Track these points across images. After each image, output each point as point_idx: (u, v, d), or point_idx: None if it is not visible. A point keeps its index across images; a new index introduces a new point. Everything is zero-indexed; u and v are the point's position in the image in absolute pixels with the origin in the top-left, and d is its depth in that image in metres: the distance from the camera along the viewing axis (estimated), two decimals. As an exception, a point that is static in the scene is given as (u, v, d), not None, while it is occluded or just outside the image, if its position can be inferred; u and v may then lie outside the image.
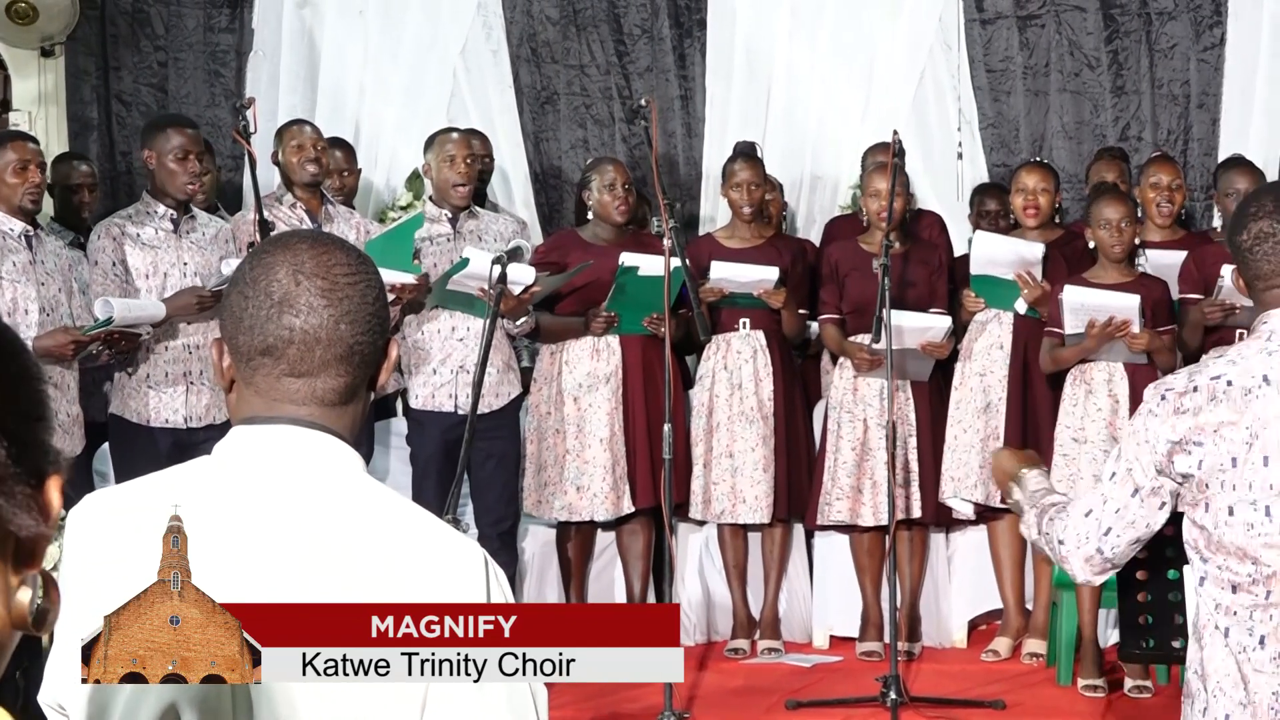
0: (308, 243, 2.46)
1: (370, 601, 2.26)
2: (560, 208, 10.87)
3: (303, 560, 2.30)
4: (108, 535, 2.37)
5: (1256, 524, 3.46)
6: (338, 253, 2.45)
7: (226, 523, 2.32)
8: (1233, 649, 3.49)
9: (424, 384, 8.07)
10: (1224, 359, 3.58)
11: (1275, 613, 3.45)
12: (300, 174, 8.07)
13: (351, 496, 2.37)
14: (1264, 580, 3.45)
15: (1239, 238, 3.62)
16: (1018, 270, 8.10)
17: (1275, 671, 3.45)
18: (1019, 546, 8.40)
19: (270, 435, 2.41)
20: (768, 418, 8.41)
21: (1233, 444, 3.48)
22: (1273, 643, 3.46)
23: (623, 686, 7.89)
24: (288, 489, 2.36)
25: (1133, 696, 7.68)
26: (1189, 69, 10.61)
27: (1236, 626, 3.49)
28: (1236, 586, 3.49)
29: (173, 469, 2.44)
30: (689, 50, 11.02)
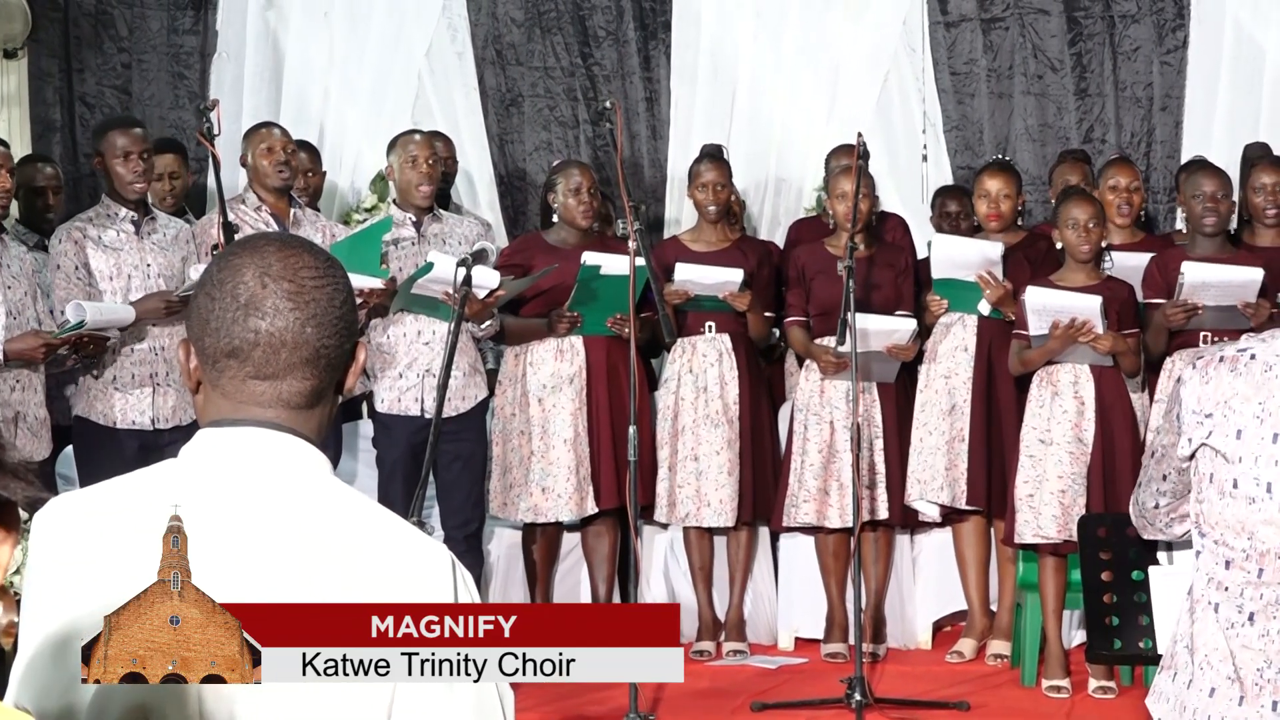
0: (275, 245, 2.45)
1: (337, 601, 2.26)
2: (525, 210, 10.87)
3: (269, 562, 2.29)
4: (76, 539, 2.36)
5: (1258, 498, 3.47)
6: (305, 255, 2.45)
7: (194, 525, 2.31)
8: (1222, 624, 3.51)
9: (390, 387, 8.05)
10: (1258, 337, 3.59)
11: (1266, 591, 3.47)
12: (271, 178, 8.04)
13: (318, 499, 2.37)
14: (1257, 557, 3.47)
15: None
16: (979, 271, 8.12)
17: (1262, 649, 3.46)
18: (983, 548, 8.42)
19: (236, 438, 2.40)
20: (733, 421, 8.42)
21: (1242, 416, 3.49)
22: (1262, 620, 3.47)
23: (589, 688, 7.89)
24: (254, 492, 2.35)
25: (1097, 697, 7.71)
26: (1152, 72, 10.65)
27: (1227, 603, 3.50)
28: (1230, 562, 3.51)
29: (140, 472, 2.43)
30: (654, 52, 11.04)
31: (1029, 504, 7.75)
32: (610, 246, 8.25)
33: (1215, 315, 7.68)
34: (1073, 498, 7.67)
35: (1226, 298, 7.65)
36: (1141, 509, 3.82)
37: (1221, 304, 7.66)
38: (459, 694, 2.29)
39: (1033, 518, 7.73)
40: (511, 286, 7.96)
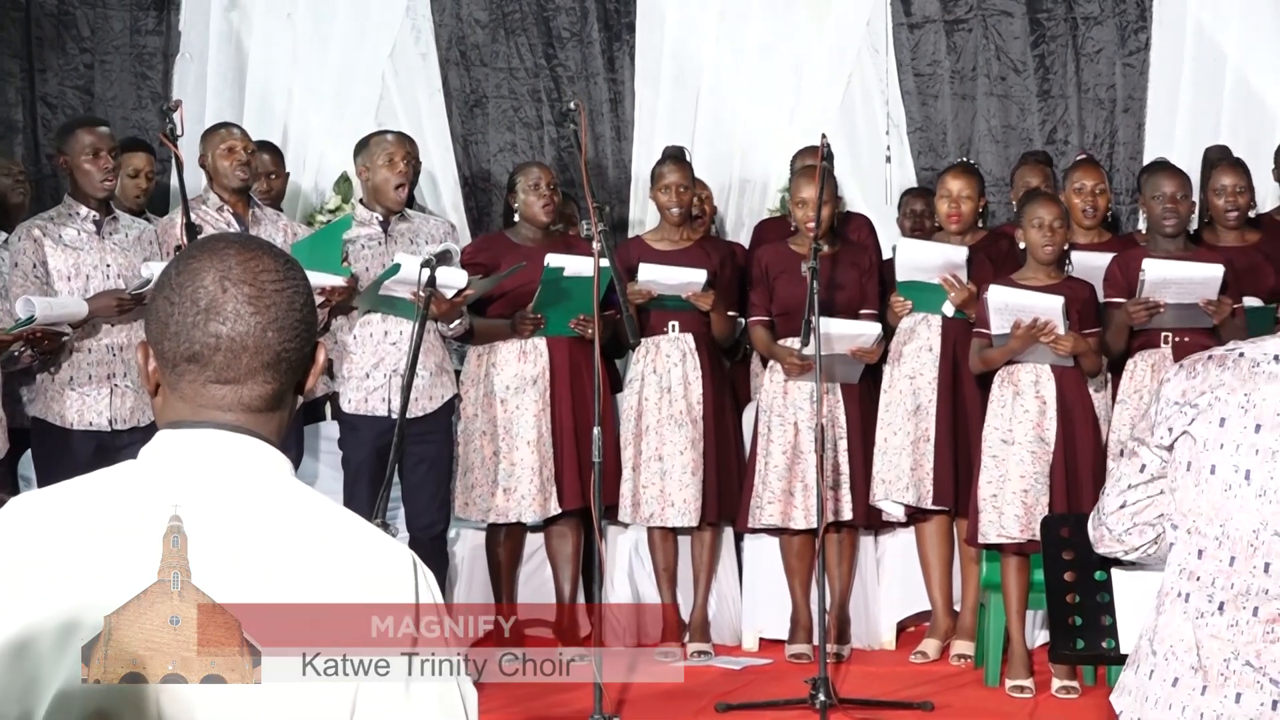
0: (235, 248, 2.43)
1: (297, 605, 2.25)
2: (489, 211, 10.86)
3: (231, 564, 2.29)
4: (34, 541, 2.35)
5: (1234, 485, 3.48)
6: (265, 259, 2.43)
7: (154, 527, 2.30)
8: (1190, 614, 3.52)
9: (356, 388, 8.02)
10: (1249, 341, 3.62)
11: (1237, 580, 3.48)
12: (231, 179, 8.03)
13: (278, 501, 2.36)
14: (1229, 544, 3.48)
15: None
16: (943, 274, 8.14)
17: (1231, 639, 3.48)
18: (947, 548, 8.44)
19: (196, 439, 2.39)
20: (697, 421, 8.42)
21: (1227, 405, 3.51)
22: (1231, 610, 3.48)
23: (554, 689, 7.88)
24: (214, 493, 2.34)
25: (1060, 697, 7.73)
26: (1114, 74, 10.69)
27: (1198, 592, 3.52)
28: (1203, 551, 3.52)
29: (99, 472, 2.42)
30: (618, 54, 11.04)
31: (992, 504, 7.77)
32: (574, 247, 8.25)
33: (1176, 313, 7.71)
34: (1035, 497, 7.69)
35: (1187, 295, 7.67)
36: (1103, 513, 3.82)
37: (1182, 301, 7.68)
38: (420, 694, 2.29)
39: (996, 518, 7.75)
40: (479, 285, 7.95)
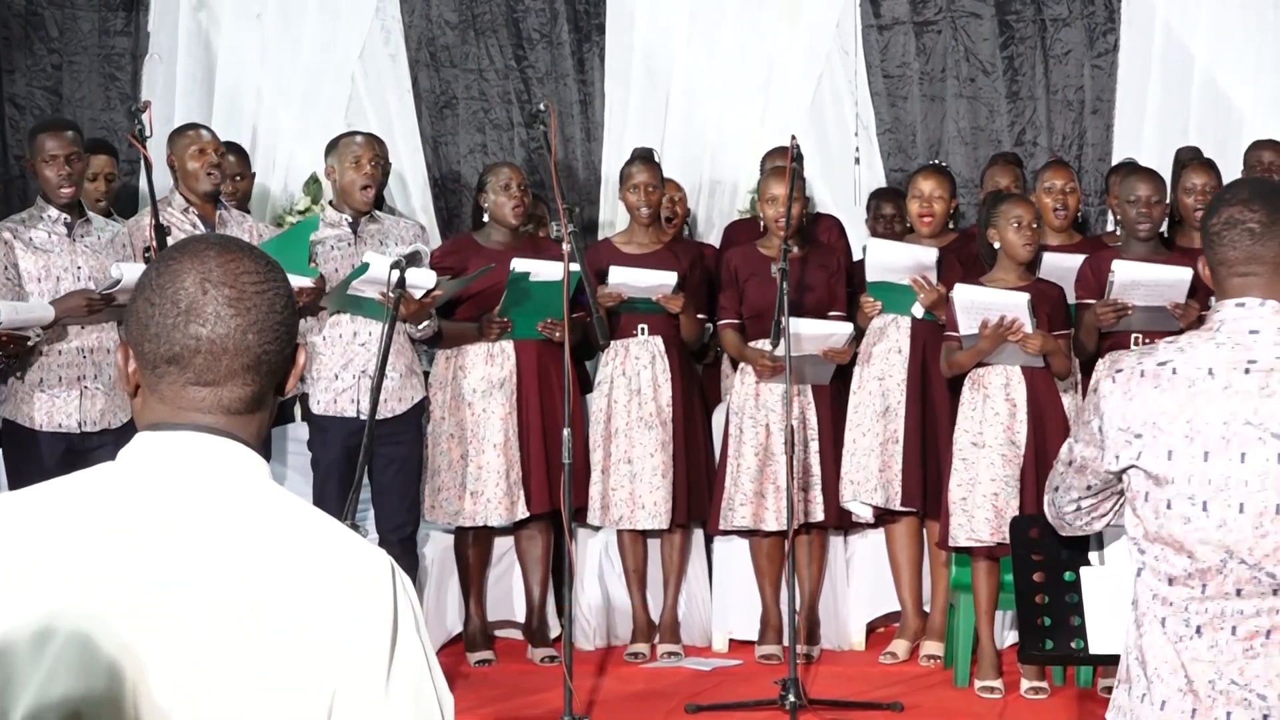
0: (215, 250, 2.43)
1: (276, 610, 2.25)
2: (459, 212, 10.85)
3: (209, 568, 2.28)
4: (14, 542, 2.33)
5: (1193, 518, 3.48)
6: (246, 260, 2.43)
7: (132, 530, 2.30)
8: (1170, 638, 3.52)
9: (326, 389, 8.01)
10: (1175, 345, 3.60)
11: (1211, 605, 3.48)
12: (202, 182, 8.00)
13: (257, 503, 2.36)
14: (1199, 574, 3.48)
15: (1210, 222, 3.63)
16: (913, 275, 8.15)
17: (1213, 660, 3.48)
18: (916, 549, 8.46)
19: (175, 442, 2.39)
20: (666, 423, 8.43)
21: (1171, 437, 3.51)
22: (1209, 633, 3.49)
23: (524, 690, 7.90)
24: (193, 496, 2.34)
25: (1029, 698, 7.75)
26: (1083, 75, 10.72)
27: (1173, 617, 3.52)
28: (1173, 579, 3.52)
29: (77, 474, 2.41)
30: (588, 55, 11.03)
31: (962, 507, 7.78)
32: (542, 247, 8.25)
33: (1145, 316, 7.73)
34: (1005, 500, 7.70)
35: (1156, 297, 7.69)
36: (1059, 513, 3.84)
37: (1151, 304, 7.70)
38: (396, 698, 2.29)
39: (966, 520, 7.76)
40: (449, 286, 7.94)
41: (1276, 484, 3.42)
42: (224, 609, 2.25)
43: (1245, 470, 3.44)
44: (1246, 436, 3.45)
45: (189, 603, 2.25)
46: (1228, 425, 3.46)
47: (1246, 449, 3.45)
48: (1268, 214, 3.57)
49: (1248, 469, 3.44)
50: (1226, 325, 3.56)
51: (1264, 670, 3.45)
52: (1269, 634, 3.45)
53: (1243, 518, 3.44)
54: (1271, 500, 3.43)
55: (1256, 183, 3.81)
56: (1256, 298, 3.56)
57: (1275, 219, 3.57)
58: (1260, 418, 3.45)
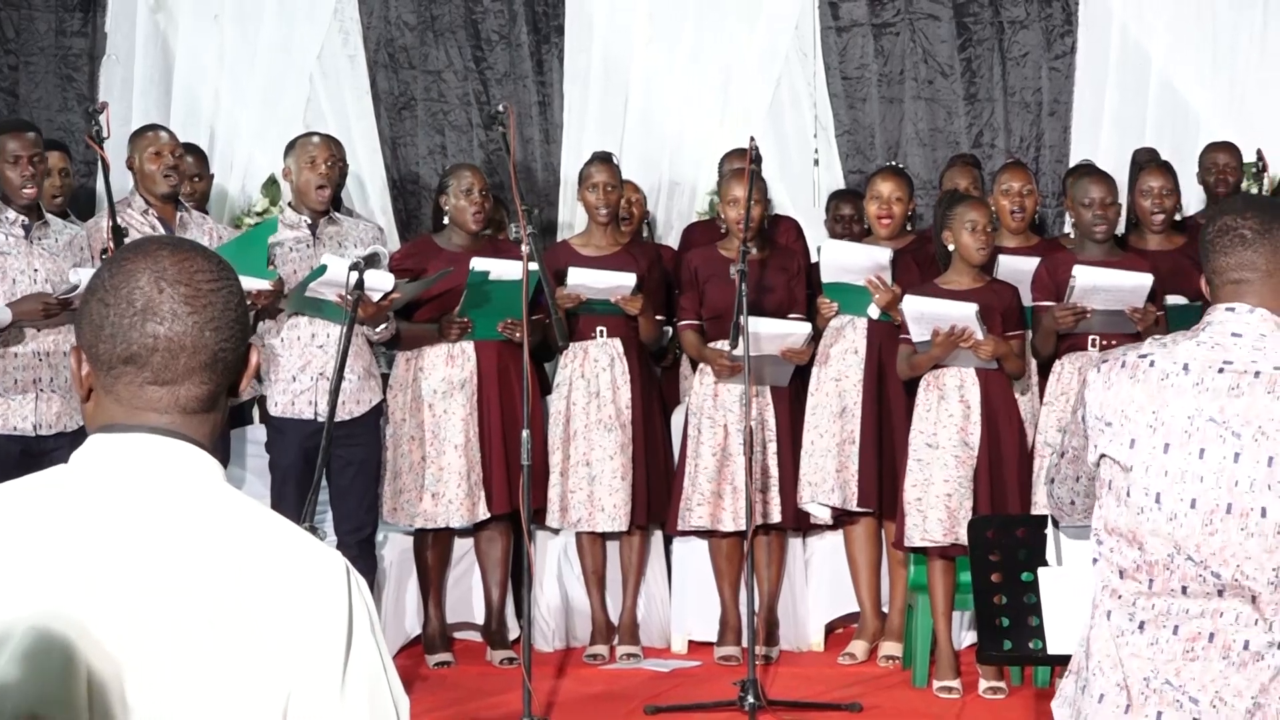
0: (168, 249, 2.43)
1: (231, 611, 2.24)
2: (418, 214, 10.84)
3: (163, 570, 2.28)
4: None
5: (1146, 508, 3.51)
6: (199, 259, 2.43)
7: (87, 532, 2.29)
8: (1112, 632, 3.54)
9: (283, 391, 8.00)
10: (1159, 341, 3.64)
11: (1158, 601, 3.50)
12: (160, 184, 7.97)
13: (212, 506, 2.35)
14: (1148, 568, 3.50)
15: (1207, 231, 3.66)
16: (868, 276, 8.16)
17: (1151, 657, 3.50)
18: (874, 550, 8.47)
19: (129, 444, 2.38)
20: (625, 425, 8.43)
21: (1136, 425, 3.53)
22: (1151, 629, 3.51)
23: (483, 692, 7.89)
24: (148, 498, 2.33)
25: (987, 698, 7.76)
26: (1041, 77, 10.75)
27: (1119, 610, 3.54)
28: (1124, 572, 3.54)
29: (29, 478, 2.41)
30: (547, 56, 11.03)
31: (917, 507, 7.80)
32: (502, 250, 8.24)
33: (1104, 319, 7.75)
34: (959, 501, 7.73)
35: (1115, 302, 7.72)
36: (1058, 503, 3.90)
37: (1110, 308, 7.73)
38: (352, 698, 2.28)
39: (920, 521, 7.79)
40: (407, 289, 7.93)
41: (1231, 484, 3.44)
42: (178, 610, 2.25)
43: (1202, 466, 3.47)
44: (1208, 433, 3.47)
45: (144, 604, 2.25)
46: (1191, 420, 3.49)
47: (1206, 445, 3.47)
48: (1260, 222, 3.60)
49: (1205, 465, 3.46)
50: (1212, 326, 3.59)
51: (1200, 674, 3.46)
52: (1211, 637, 3.46)
53: (1194, 513, 3.46)
54: (1224, 499, 3.44)
55: (1252, 196, 3.87)
56: (1248, 304, 3.58)
57: (1268, 227, 3.60)
58: (1225, 416, 3.47)
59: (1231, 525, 3.44)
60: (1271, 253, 3.59)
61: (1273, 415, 3.44)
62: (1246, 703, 3.43)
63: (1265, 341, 3.53)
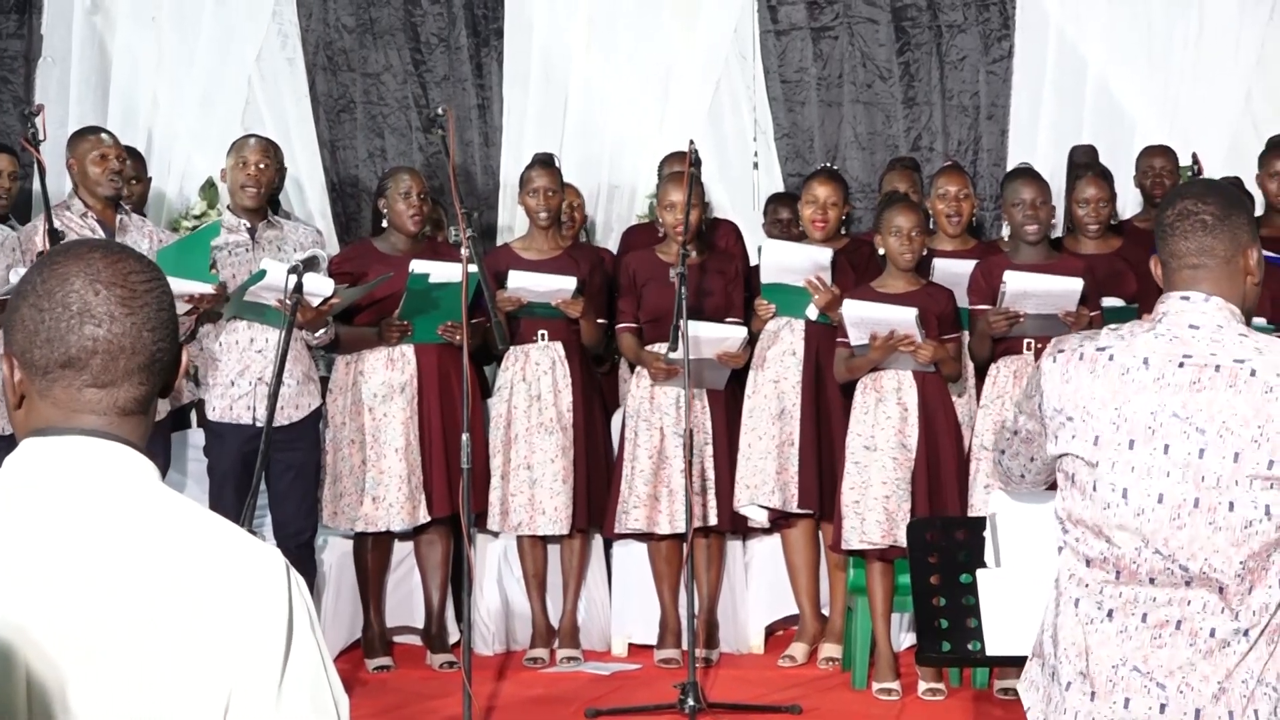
0: (100, 251, 2.43)
1: (171, 610, 2.24)
2: (357, 217, 10.81)
3: (103, 572, 2.27)
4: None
5: (1113, 504, 3.52)
6: (131, 260, 2.43)
7: (25, 535, 2.28)
8: (1081, 619, 3.56)
9: (222, 395, 7.97)
10: (1117, 333, 3.64)
11: (1125, 590, 3.53)
12: (103, 186, 7.92)
13: (150, 506, 2.35)
14: (1114, 560, 3.53)
15: (1164, 214, 3.66)
16: (808, 277, 8.18)
17: (1120, 644, 3.52)
18: (813, 553, 8.49)
19: (64, 447, 2.37)
20: (566, 429, 8.43)
21: (1100, 421, 3.55)
22: (1120, 617, 3.53)
23: (423, 696, 7.88)
24: (85, 500, 2.33)
25: (926, 699, 7.79)
26: (978, 81, 10.79)
27: (1087, 598, 3.57)
28: (1090, 561, 3.57)
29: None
30: (486, 59, 11.02)
31: (855, 510, 7.83)
32: (442, 253, 8.23)
33: (1037, 322, 7.78)
34: (897, 503, 7.76)
35: (1047, 306, 7.76)
36: (1007, 473, 3.94)
37: (1042, 312, 7.77)
38: (291, 697, 2.28)
39: (858, 523, 7.81)
40: (347, 295, 7.91)
41: (1197, 478, 3.46)
42: (117, 611, 2.24)
43: (1168, 461, 3.48)
44: (1172, 429, 3.49)
45: (83, 606, 2.24)
46: (1155, 416, 3.51)
47: (1171, 441, 3.49)
48: (1221, 208, 3.62)
49: (1170, 460, 3.48)
50: (1169, 318, 3.60)
51: (1168, 660, 3.48)
52: (1178, 624, 3.49)
53: (1161, 508, 3.48)
54: (1190, 494, 3.46)
55: (1212, 181, 3.88)
56: (1202, 293, 3.59)
57: (1228, 213, 3.62)
58: (1188, 411, 3.49)
59: (1199, 519, 3.46)
60: (1231, 239, 3.61)
61: (1236, 410, 3.46)
62: (1212, 688, 3.46)
63: (1223, 333, 3.54)
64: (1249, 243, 3.64)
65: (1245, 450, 3.45)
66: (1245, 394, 3.47)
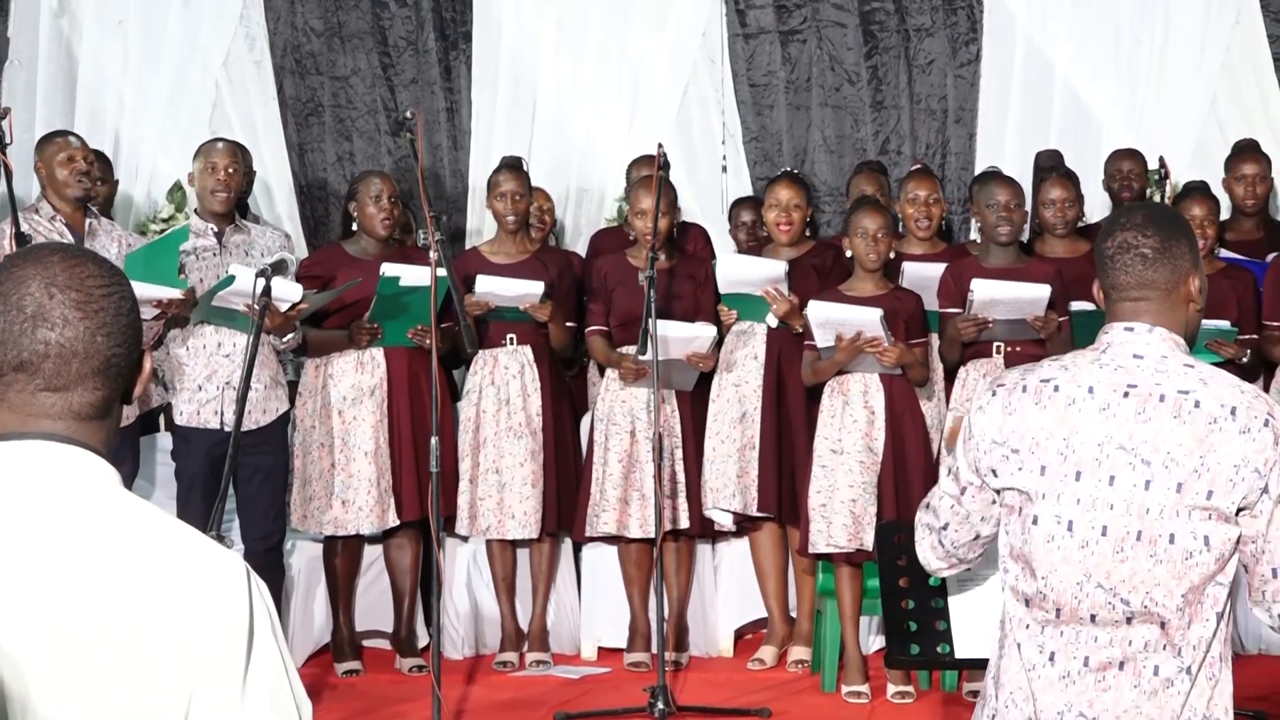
0: (59, 255, 2.42)
1: (131, 615, 2.23)
2: (326, 221, 10.79)
3: (62, 576, 2.26)
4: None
5: (1057, 536, 3.48)
6: (90, 265, 2.42)
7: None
8: (1025, 664, 3.53)
9: (189, 400, 7.96)
10: (1059, 363, 3.60)
11: (1066, 630, 3.48)
12: (71, 189, 7.89)
13: (108, 511, 2.34)
14: (1054, 596, 3.48)
15: (1104, 245, 3.63)
16: (764, 288, 8.18)
17: (1064, 689, 3.48)
18: (781, 556, 8.50)
19: (23, 451, 2.37)
20: (536, 433, 8.42)
21: (1046, 453, 3.50)
22: (1062, 660, 3.48)
23: (392, 700, 7.87)
24: (44, 504, 2.32)
25: (895, 702, 7.81)
26: (946, 84, 10.81)
27: (1029, 642, 3.52)
28: (1029, 601, 3.52)
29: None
30: (454, 63, 11.01)
31: (821, 513, 7.84)
32: (411, 257, 8.23)
33: (1006, 328, 7.81)
34: (864, 507, 7.77)
35: (1015, 312, 7.78)
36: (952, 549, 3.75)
37: (1011, 317, 7.79)
38: (254, 698, 2.28)
39: (825, 527, 7.82)
40: (315, 299, 7.91)
41: (1142, 511, 3.42)
42: (77, 615, 2.24)
43: (1113, 493, 3.44)
44: (1118, 460, 3.45)
45: (42, 610, 2.24)
46: (1101, 447, 3.46)
47: (1116, 472, 3.45)
48: (1161, 240, 3.57)
49: (1115, 492, 3.44)
50: (1113, 348, 3.56)
51: (1113, 704, 3.45)
52: (1122, 665, 3.45)
53: (1105, 540, 3.44)
54: (1134, 526, 3.42)
55: (1152, 208, 3.83)
56: (1146, 324, 3.57)
57: (1169, 245, 3.57)
58: (1134, 443, 3.45)
59: (1141, 552, 3.42)
60: (1171, 270, 3.57)
61: (1180, 440, 3.42)
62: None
63: (1167, 364, 3.51)
64: (1190, 270, 3.60)
65: (1187, 481, 3.41)
66: (1189, 425, 3.43)
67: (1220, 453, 3.41)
